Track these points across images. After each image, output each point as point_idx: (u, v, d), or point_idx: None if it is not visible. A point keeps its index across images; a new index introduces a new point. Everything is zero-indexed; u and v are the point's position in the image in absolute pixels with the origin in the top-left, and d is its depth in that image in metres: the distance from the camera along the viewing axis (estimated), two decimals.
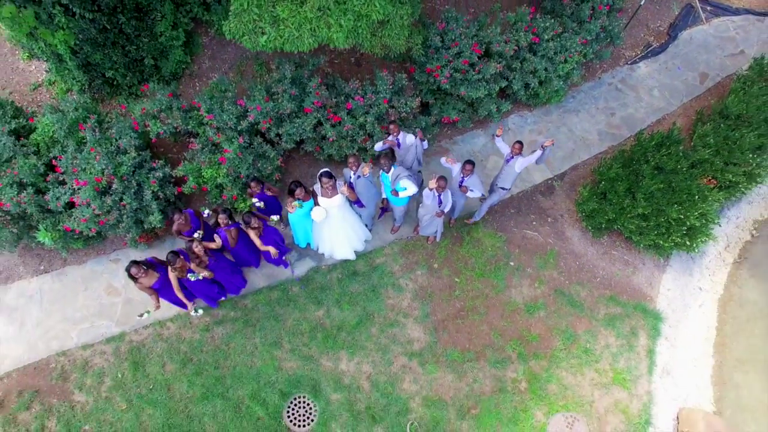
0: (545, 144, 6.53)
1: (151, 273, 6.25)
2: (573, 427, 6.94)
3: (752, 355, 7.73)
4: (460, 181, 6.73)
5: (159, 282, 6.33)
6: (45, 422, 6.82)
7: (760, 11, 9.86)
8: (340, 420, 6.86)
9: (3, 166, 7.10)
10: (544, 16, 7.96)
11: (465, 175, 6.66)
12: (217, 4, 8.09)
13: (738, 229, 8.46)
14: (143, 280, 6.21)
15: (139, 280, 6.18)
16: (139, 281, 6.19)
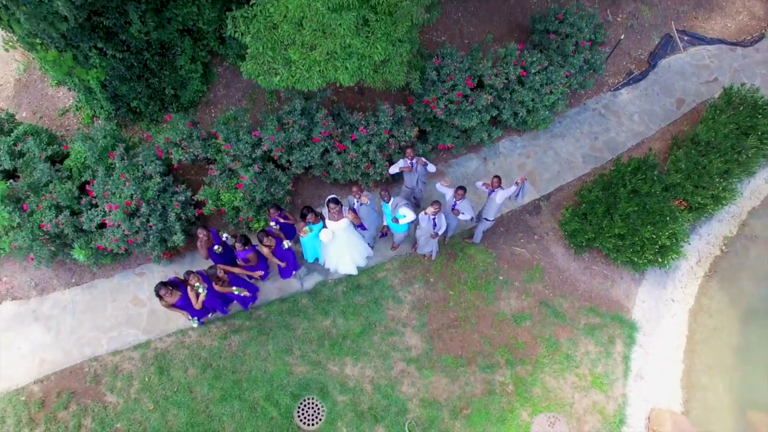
0: (518, 181, 7.33)
1: (174, 292, 7.05)
2: (554, 426, 7.73)
3: (719, 361, 8.53)
4: (452, 205, 7.51)
5: (181, 300, 7.13)
6: (81, 420, 7.63)
7: (732, 41, 10.61)
8: (345, 419, 7.66)
9: (42, 190, 7.91)
10: (531, 51, 8.73)
11: (457, 199, 7.45)
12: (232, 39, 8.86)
13: (709, 245, 9.24)
14: (168, 298, 7.01)
15: (165, 298, 6.99)
16: (164, 299, 7.00)
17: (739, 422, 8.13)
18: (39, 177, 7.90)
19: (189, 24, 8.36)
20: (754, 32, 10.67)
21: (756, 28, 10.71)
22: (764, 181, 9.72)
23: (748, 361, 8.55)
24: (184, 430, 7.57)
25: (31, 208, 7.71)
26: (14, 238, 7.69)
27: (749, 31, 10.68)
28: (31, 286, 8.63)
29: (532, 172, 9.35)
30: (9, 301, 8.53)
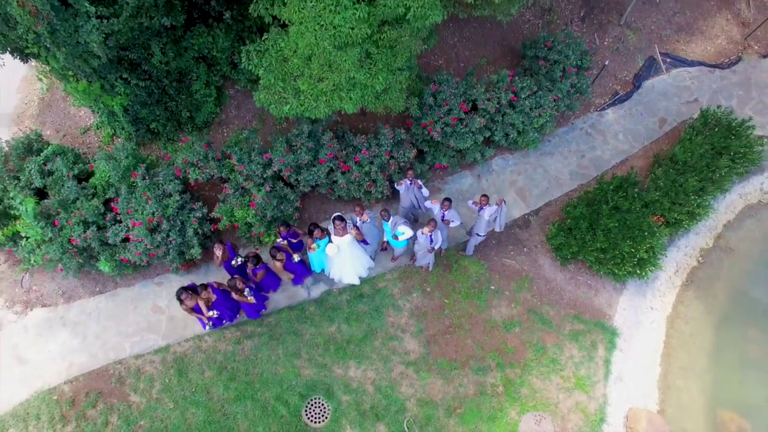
0: (497, 202, 8.08)
1: (193, 296, 7.81)
2: (540, 424, 8.48)
3: (693, 364, 9.27)
4: (442, 216, 8.24)
5: (198, 304, 7.89)
6: (108, 418, 8.37)
7: (712, 63, 11.30)
8: (349, 417, 8.40)
9: (70, 207, 8.62)
10: (521, 77, 9.43)
11: (445, 210, 8.19)
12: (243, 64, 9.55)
13: (686, 256, 9.96)
14: (188, 302, 7.77)
15: (185, 302, 7.74)
16: (184, 303, 7.75)
17: (709, 420, 8.87)
18: (67, 195, 8.61)
19: (204, 52, 9.06)
20: (731, 55, 11.36)
21: (733, 51, 11.39)
22: (739, 196, 10.43)
23: (719, 364, 9.29)
24: (202, 427, 8.31)
25: (61, 223, 8.43)
26: (46, 251, 8.40)
27: (727, 54, 11.37)
28: (58, 294, 9.36)
29: (522, 188, 10.07)
30: (39, 307, 9.27)
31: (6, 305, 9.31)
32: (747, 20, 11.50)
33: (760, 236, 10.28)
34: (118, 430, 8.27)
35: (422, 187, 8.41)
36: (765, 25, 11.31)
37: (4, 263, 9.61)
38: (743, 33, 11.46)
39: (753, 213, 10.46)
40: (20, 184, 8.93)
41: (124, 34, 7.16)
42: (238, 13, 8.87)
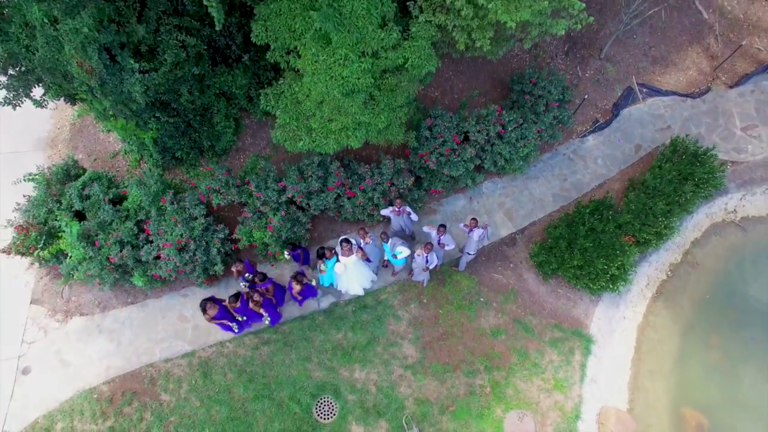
0: (482, 225, 9.24)
1: (215, 306, 9.00)
2: (523, 421, 9.68)
3: (660, 367, 10.47)
4: (438, 240, 9.41)
5: (219, 313, 9.08)
6: (142, 414, 9.57)
7: (684, 93, 12.42)
8: (354, 414, 9.60)
9: (107, 228, 9.79)
10: (509, 111, 10.57)
11: (440, 235, 9.35)
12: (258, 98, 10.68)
13: (657, 270, 11.14)
14: (210, 311, 8.95)
15: (208, 311, 8.92)
16: (207, 312, 8.94)
17: (672, 417, 10.08)
18: (104, 217, 9.78)
19: (224, 89, 10.20)
20: (701, 85, 12.48)
21: (703, 82, 12.52)
22: (705, 216, 11.59)
23: (684, 367, 10.49)
24: (225, 423, 9.51)
25: (101, 243, 9.60)
26: (87, 268, 9.58)
27: (698, 84, 12.49)
28: (95, 305, 10.54)
29: (510, 209, 11.24)
30: (78, 316, 10.45)
31: (48, 314, 10.49)
32: (715, 54, 12.62)
33: (723, 252, 11.45)
34: (151, 426, 9.48)
35: (411, 213, 9.58)
36: (731, 58, 12.42)
37: (46, 276, 10.78)
38: (712, 65, 12.59)
39: (718, 231, 11.64)
40: (62, 207, 10.11)
41: (161, 84, 8.31)
42: (255, 54, 10.00)
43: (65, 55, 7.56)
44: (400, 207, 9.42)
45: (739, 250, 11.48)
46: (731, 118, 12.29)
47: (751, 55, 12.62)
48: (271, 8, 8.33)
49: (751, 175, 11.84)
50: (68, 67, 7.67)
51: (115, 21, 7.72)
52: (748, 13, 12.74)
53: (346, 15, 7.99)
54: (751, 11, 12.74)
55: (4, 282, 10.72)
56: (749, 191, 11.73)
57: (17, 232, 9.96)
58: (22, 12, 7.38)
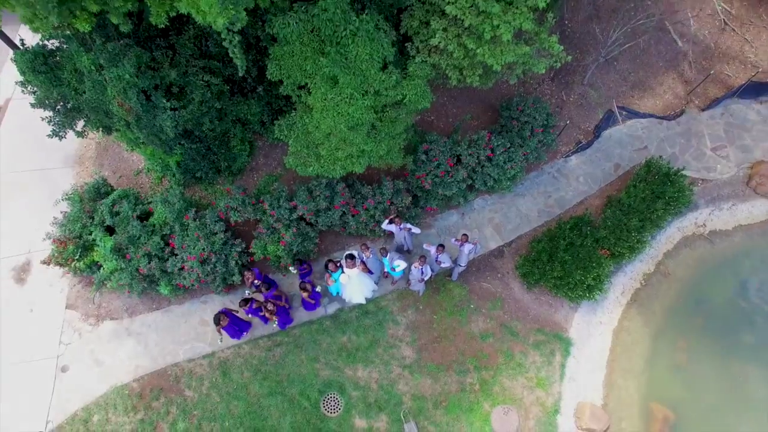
0: (472, 241, 10.47)
1: (225, 318, 10.25)
2: (508, 415, 10.93)
3: (632, 367, 11.72)
4: (436, 258, 10.64)
5: (227, 326, 10.35)
6: (169, 408, 10.82)
7: (660, 115, 13.60)
8: (357, 409, 10.85)
9: (136, 242, 11.00)
10: (497, 135, 11.76)
11: (438, 253, 10.57)
12: (270, 124, 11.85)
13: (631, 280, 12.37)
14: (222, 322, 10.21)
15: (221, 322, 10.18)
16: (220, 323, 10.19)
17: (642, 411, 11.34)
18: (133, 232, 11.00)
19: (240, 116, 11.39)
20: (676, 108, 13.66)
21: (678, 105, 13.70)
22: (677, 229, 12.80)
23: (653, 367, 11.74)
24: (243, 416, 10.77)
25: (131, 256, 10.82)
26: (119, 278, 10.82)
27: (673, 107, 13.67)
28: (123, 310, 11.78)
29: (498, 224, 12.46)
30: (108, 320, 11.69)
31: (82, 318, 11.73)
32: (689, 79, 13.80)
33: (692, 262, 12.68)
34: (177, 418, 10.74)
35: (411, 229, 10.80)
36: (704, 83, 13.60)
37: (79, 284, 12.00)
38: (686, 90, 13.77)
39: (688, 243, 12.86)
40: (94, 223, 11.33)
41: (189, 119, 9.51)
42: (267, 86, 11.17)
43: (108, 96, 8.76)
44: (401, 225, 10.64)
45: (707, 261, 12.71)
46: (702, 138, 13.49)
47: (721, 80, 13.81)
48: (284, 50, 9.49)
49: (719, 192, 13.06)
50: (110, 106, 8.88)
51: (151, 67, 8.90)
52: (719, 42, 13.91)
53: (352, 59, 9.19)
54: (721, 40, 13.91)
55: (41, 289, 11.95)
56: (717, 207, 12.95)
57: (56, 246, 11.20)
58: (72, 60, 8.58)
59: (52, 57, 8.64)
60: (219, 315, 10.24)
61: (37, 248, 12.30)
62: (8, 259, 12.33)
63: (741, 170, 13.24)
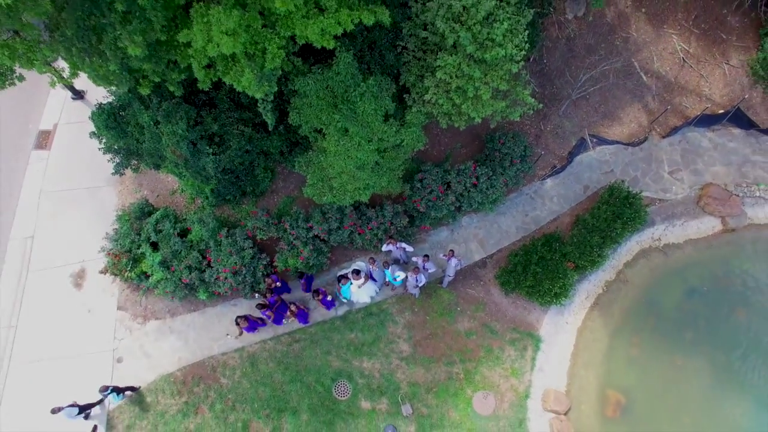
0: (457, 257, 12.84)
1: (244, 322, 12.71)
2: (487, 399, 13.43)
3: (592, 359, 14.19)
4: (422, 266, 13.01)
5: (247, 327, 12.81)
6: (207, 393, 13.32)
7: (626, 142, 15.82)
8: (363, 393, 13.34)
9: (178, 256, 13.35)
10: (481, 165, 14.02)
11: (424, 262, 12.93)
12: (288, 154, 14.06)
13: (595, 286, 14.77)
14: (242, 325, 12.68)
15: (240, 325, 12.65)
16: (239, 326, 12.66)
17: (598, 396, 13.85)
18: (175, 248, 13.34)
19: (264, 149, 13.62)
20: (640, 136, 15.88)
21: (642, 133, 15.91)
22: (636, 243, 15.14)
23: (610, 359, 14.20)
24: (269, 399, 13.26)
25: (175, 268, 13.18)
26: (165, 286, 13.21)
27: (637, 135, 15.88)
28: (166, 311, 14.20)
29: (482, 239, 14.81)
30: (153, 320, 14.12)
31: (131, 318, 14.15)
32: (652, 110, 15.98)
33: (647, 271, 15.07)
34: (215, 401, 13.25)
35: (406, 247, 13.15)
36: (665, 114, 15.79)
37: (127, 289, 14.40)
38: (649, 119, 15.96)
39: (645, 255, 15.23)
40: (141, 239, 13.68)
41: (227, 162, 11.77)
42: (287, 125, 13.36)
43: (163, 144, 11.03)
44: (396, 244, 13.01)
45: (660, 270, 15.09)
46: (661, 163, 15.75)
47: (680, 111, 16.00)
48: (303, 101, 11.70)
49: (673, 210, 15.39)
50: (164, 152, 11.14)
51: (197, 121, 11.13)
52: (678, 77, 16.04)
53: (359, 114, 11.42)
54: (680, 76, 16.04)
55: (96, 293, 14.35)
56: (671, 223, 15.29)
57: (111, 258, 13.57)
58: (135, 117, 10.81)
59: (120, 114, 10.87)
60: (238, 318, 12.72)
61: (90, 257, 14.67)
62: (67, 266, 14.71)
63: (692, 191, 15.55)
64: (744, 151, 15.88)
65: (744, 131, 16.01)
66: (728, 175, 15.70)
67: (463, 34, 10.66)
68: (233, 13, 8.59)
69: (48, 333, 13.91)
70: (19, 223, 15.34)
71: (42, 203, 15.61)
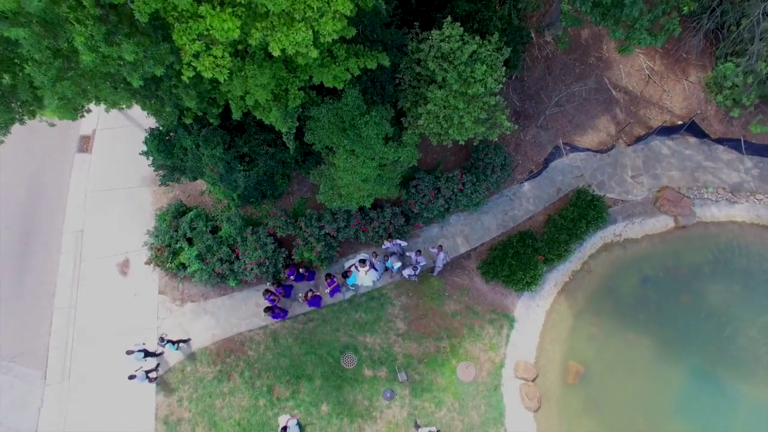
0: (444, 252, 15.70)
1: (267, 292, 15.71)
2: (468, 368, 16.54)
3: (558, 336, 17.26)
4: (415, 260, 15.89)
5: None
6: (238, 363, 16.42)
7: (595, 150, 18.44)
8: (366, 363, 16.44)
9: (211, 250, 16.19)
10: (467, 173, 16.72)
11: (417, 256, 15.82)
12: (303, 162, 16.71)
13: (563, 275, 17.69)
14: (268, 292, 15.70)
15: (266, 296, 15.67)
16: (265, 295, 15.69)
17: (561, 366, 16.98)
18: (208, 243, 16.18)
19: (282, 159, 16.28)
20: (608, 144, 18.48)
21: (610, 141, 18.51)
22: (600, 238, 17.98)
23: (573, 336, 17.28)
24: (288, 368, 16.36)
25: (210, 260, 16.05)
26: (201, 276, 16.13)
27: (605, 143, 18.49)
28: (200, 295, 17.16)
29: (467, 234, 17.65)
30: (190, 303, 17.10)
31: (170, 301, 17.12)
32: (620, 121, 18.53)
33: (608, 263, 17.98)
34: (244, 369, 16.35)
35: (401, 243, 16.00)
36: (631, 124, 18.35)
37: (166, 276, 17.32)
38: (617, 129, 18.53)
39: (607, 248, 18.10)
40: (178, 235, 16.50)
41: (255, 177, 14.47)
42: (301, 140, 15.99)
43: (203, 163, 13.70)
44: (393, 242, 15.86)
45: (620, 262, 18.00)
46: (625, 168, 18.44)
47: (644, 122, 18.56)
48: (317, 124, 14.29)
49: (633, 210, 18.17)
50: (203, 169, 13.83)
51: (231, 145, 13.78)
52: (644, 92, 18.53)
53: (364, 137, 14.03)
54: (645, 90, 18.53)
55: (139, 280, 17.27)
56: (630, 221, 18.09)
57: (153, 252, 16.44)
58: (180, 141, 13.46)
59: (167, 138, 13.49)
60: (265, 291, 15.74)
61: (132, 249, 17.53)
62: (113, 257, 17.58)
63: (651, 193, 18.30)
64: (697, 158, 18.54)
65: (699, 140, 18.63)
66: (683, 179, 18.41)
67: (449, 73, 13.21)
68: (266, 71, 11.14)
69: (102, 313, 16.90)
70: (70, 219, 18.12)
71: (88, 201, 18.35)
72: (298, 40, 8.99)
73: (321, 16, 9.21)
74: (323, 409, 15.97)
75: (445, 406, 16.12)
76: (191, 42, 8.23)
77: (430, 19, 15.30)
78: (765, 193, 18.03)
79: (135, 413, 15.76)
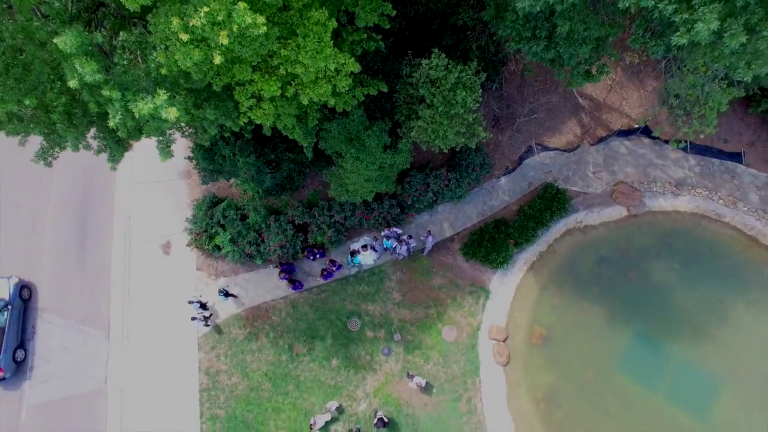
0: (432, 236, 19.86)
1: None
2: (451, 330, 20.91)
3: (525, 305, 21.57)
4: (408, 242, 20.03)
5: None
6: (263, 326, 20.80)
7: (563, 149, 22.27)
8: (368, 326, 20.80)
9: (242, 235, 20.29)
10: (452, 171, 20.66)
11: (408, 239, 19.97)
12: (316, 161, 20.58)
13: (531, 255, 21.83)
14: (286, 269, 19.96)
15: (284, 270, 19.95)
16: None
17: (527, 330, 21.34)
18: (239, 230, 20.27)
19: (298, 159, 20.18)
20: (574, 144, 22.29)
21: (576, 142, 22.31)
22: (564, 224, 22.06)
23: (537, 306, 21.58)
24: (305, 330, 20.74)
25: (240, 243, 20.17)
26: (234, 256, 20.30)
27: (572, 143, 22.30)
28: (230, 271, 21.39)
29: (452, 221, 21.72)
30: (222, 277, 21.36)
31: (206, 275, 21.34)
32: (585, 124, 22.29)
33: (570, 245, 22.11)
34: (269, 331, 20.73)
35: (396, 230, 20.11)
36: (594, 127, 22.13)
37: (202, 255, 21.48)
38: (582, 131, 22.33)
39: (570, 233, 22.20)
40: (213, 222, 20.58)
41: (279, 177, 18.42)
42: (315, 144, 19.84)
43: (238, 168, 17.65)
44: (390, 229, 19.98)
45: (580, 244, 22.14)
46: (588, 165, 22.34)
47: (606, 125, 22.34)
48: (329, 134, 18.16)
49: (593, 201, 22.17)
50: (239, 172, 17.78)
51: (261, 153, 17.67)
52: (606, 99, 22.22)
53: (367, 147, 17.93)
54: (608, 98, 22.23)
55: (180, 258, 21.45)
56: (590, 210, 22.12)
57: (193, 236, 20.58)
58: (220, 150, 17.38)
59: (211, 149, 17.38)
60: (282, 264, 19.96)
61: (173, 232, 21.65)
62: (157, 239, 21.72)
63: (608, 187, 22.26)
64: (650, 156, 22.43)
65: (651, 141, 22.46)
66: (636, 174, 22.35)
67: (436, 97, 17.00)
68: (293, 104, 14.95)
69: (150, 286, 21.17)
70: (119, 206, 22.18)
71: (133, 191, 22.35)
72: (321, 93, 12.81)
73: (337, 73, 13.00)
74: (334, 363, 20.47)
75: (432, 361, 20.61)
76: (247, 99, 12.07)
77: (423, 47, 18.91)
78: (704, 188, 22.02)
79: (182, 367, 20.23)
